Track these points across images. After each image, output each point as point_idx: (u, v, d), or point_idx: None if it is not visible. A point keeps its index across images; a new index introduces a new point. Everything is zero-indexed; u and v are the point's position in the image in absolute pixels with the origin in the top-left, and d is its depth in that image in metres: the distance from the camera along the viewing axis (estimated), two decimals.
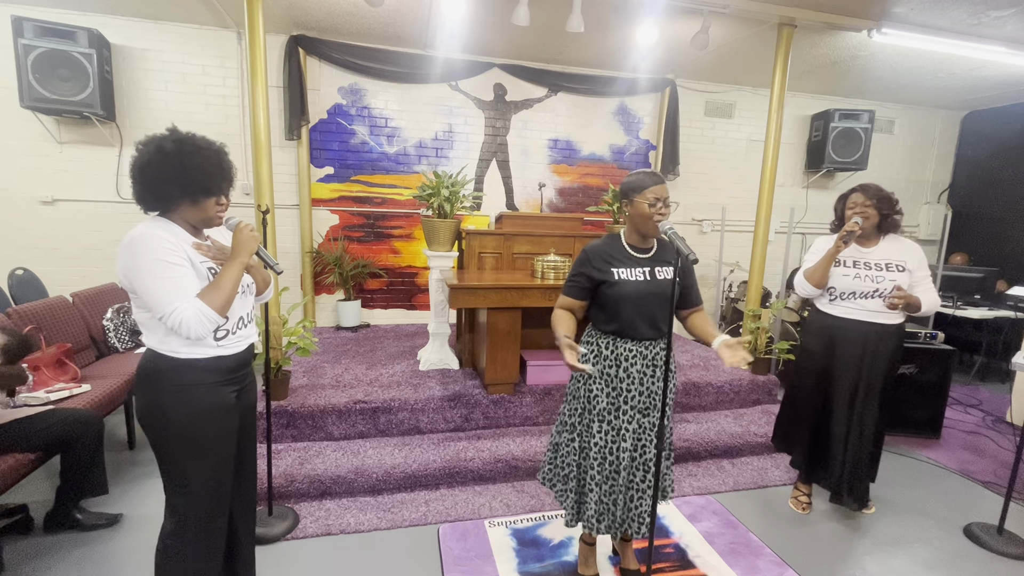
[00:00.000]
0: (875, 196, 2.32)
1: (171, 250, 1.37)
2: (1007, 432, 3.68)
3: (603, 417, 1.80)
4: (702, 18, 3.60)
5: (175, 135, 1.41)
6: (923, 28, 3.80)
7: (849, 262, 2.39)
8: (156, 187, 1.40)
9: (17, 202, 4.09)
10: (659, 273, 1.80)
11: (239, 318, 1.56)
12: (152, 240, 1.36)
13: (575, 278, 1.82)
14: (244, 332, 1.58)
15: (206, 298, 1.39)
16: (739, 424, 3.31)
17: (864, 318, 2.35)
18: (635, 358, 1.79)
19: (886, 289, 2.29)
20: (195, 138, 1.44)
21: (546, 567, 2.14)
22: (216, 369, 1.49)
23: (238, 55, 4.36)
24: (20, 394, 2.44)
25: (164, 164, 1.37)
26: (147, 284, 1.34)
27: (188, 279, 1.39)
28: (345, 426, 2.94)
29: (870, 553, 2.31)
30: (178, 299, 1.35)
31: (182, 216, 1.46)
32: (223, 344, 1.50)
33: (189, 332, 1.36)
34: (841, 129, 5.36)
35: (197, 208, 1.45)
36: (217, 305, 1.39)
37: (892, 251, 2.36)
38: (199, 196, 1.43)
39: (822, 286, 2.43)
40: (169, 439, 1.45)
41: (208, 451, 1.49)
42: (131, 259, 1.35)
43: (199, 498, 1.50)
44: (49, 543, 2.19)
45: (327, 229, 4.83)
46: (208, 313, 1.37)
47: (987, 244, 5.83)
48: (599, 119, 5.30)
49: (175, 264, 1.37)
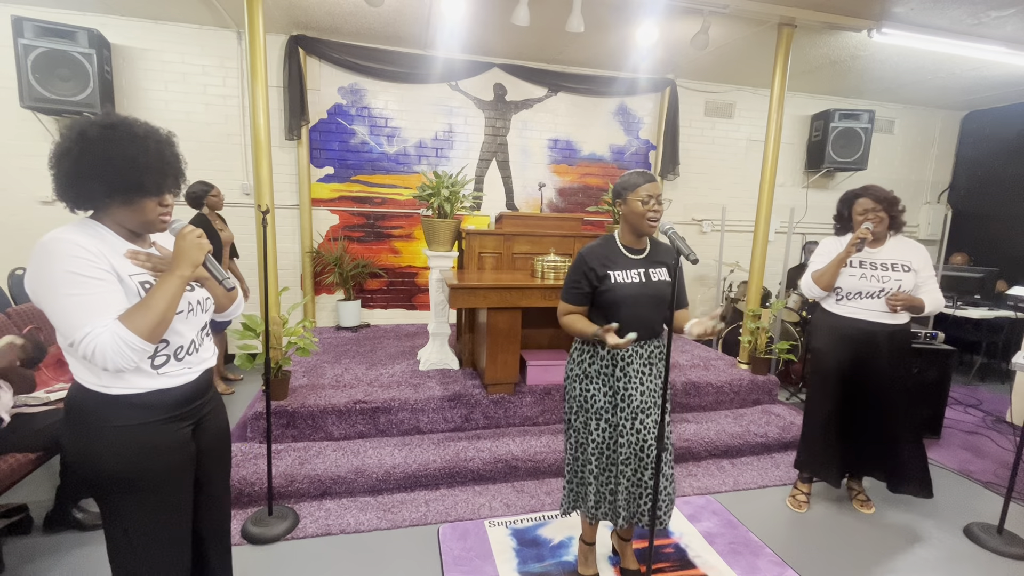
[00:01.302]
0: (884, 200, 2.33)
1: (87, 260, 1.11)
2: (1007, 432, 3.68)
3: (600, 415, 1.81)
4: (702, 18, 3.60)
5: (105, 119, 1.15)
6: (923, 28, 3.81)
7: (855, 262, 2.40)
8: (75, 182, 1.14)
9: (17, 202, 4.09)
10: (653, 274, 1.81)
11: (189, 342, 1.29)
12: (64, 247, 1.09)
13: (575, 285, 1.82)
14: (194, 359, 1.31)
15: (129, 321, 1.11)
16: (739, 424, 3.31)
17: (871, 318, 2.37)
18: (631, 357, 1.80)
19: (892, 289, 2.32)
20: (130, 123, 1.17)
21: (546, 567, 2.14)
22: (159, 405, 1.23)
23: (238, 55, 4.36)
24: (20, 394, 2.44)
25: (85, 154, 1.11)
26: (55, 302, 1.09)
27: (108, 296, 1.13)
28: (345, 426, 2.94)
29: (870, 553, 2.31)
30: (92, 321, 1.09)
31: (114, 219, 1.21)
32: (165, 372, 1.23)
33: (105, 363, 1.10)
34: (841, 129, 5.36)
35: (131, 209, 1.19)
36: (143, 329, 1.12)
37: (898, 251, 2.38)
38: (131, 195, 1.17)
39: (830, 288, 2.44)
40: (106, 489, 1.21)
41: (151, 497, 1.24)
42: (38, 270, 1.10)
43: (146, 554, 1.26)
44: (49, 543, 2.19)
45: (327, 229, 4.83)
46: (130, 339, 1.10)
47: (987, 244, 5.83)
48: (599, 119, 5.30)
49: (91, 278, 1.10)
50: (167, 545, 1.30)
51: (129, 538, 1.24)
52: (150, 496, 1.24)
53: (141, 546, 1.25)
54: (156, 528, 1.27)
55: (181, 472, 1.30)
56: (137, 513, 1.24)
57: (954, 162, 6.33)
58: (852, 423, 2.49)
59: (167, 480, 1.26)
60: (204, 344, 1.37)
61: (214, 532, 1.49)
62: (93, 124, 1.14)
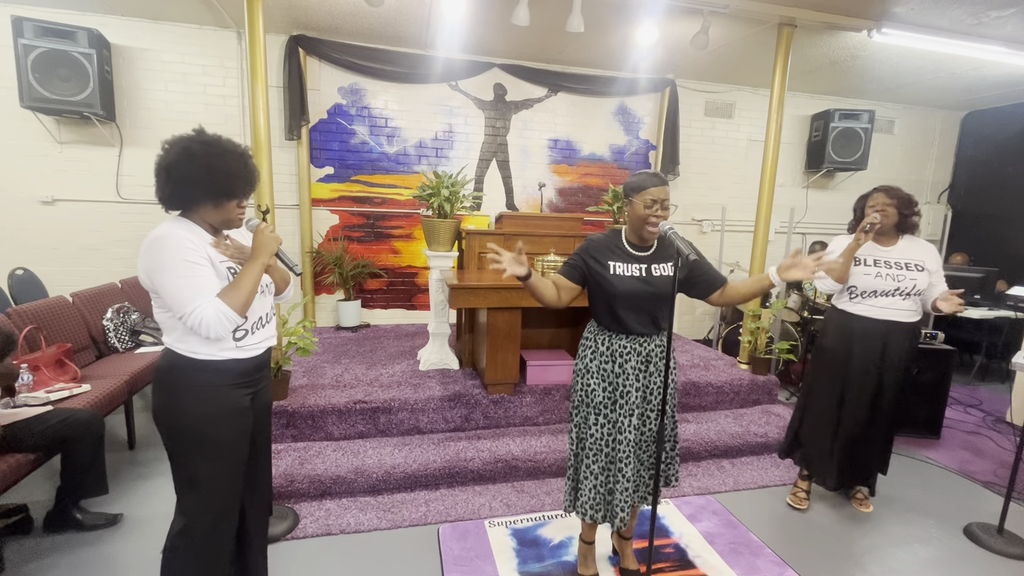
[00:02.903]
0: (896, 196, 2.36)
1: (193, 250, 1.38)
2: (1007, 432, 3.68)
3: (599, 411, 1.81)
4: (702, 18, 3.60)
5: (202, 136, 1.41)
6: (923, 28, 3.80)
7: (870, 261, 2.41)
8: (181, 188, 1.40)
9: (17, 202, 4.09)
10: (656, 270, 1.79)
11: (259, 318, 1.56)
12: (176, 240, 1.36)
13: (572, 260, 1.84)
14: (263, 333, 1.58)
15: (226, 298, 1.39)
16: (739, 424, 3.31)
17: (883, 316, 2.38)
18: (629, 354, 1.79)
19: (907, 288, 2.33)
20: (222, 140, 1.44)
21: (546, 567, 2.14)
22: (233, 371, 1.49)
23: (238, 55, 4.36)
24: (20, 394, 2.44)
25: (190, 165, 1.37)
26: (169, 284, 1.35)
27: (209, 279, 1.39)
28: (345, 426, 2.94)
29: (870, 553, 2.31)
30: (199, 298, 1.35)
31: (202, 217, 1.46)
32: (242, 345, 1.50)
33: (209, 332, 1.36)
34: (841, 129, 5.36)
35: (219, 210, 1.45)
36: (237, 305, 1.40)
37: (911, 251, 2.39)
38: (222, 198, 1.44)
39: (843, 281, 2.44)
40: (182, 439, 1.46)
41: (220, 453, 1.48)
42: (154, 258, 1.35)
43: (208, 500, 1.49)
44: (49, 543, 2.19)
45: (327, 229, 4.83)
46: (228, 313, 1.38)
47: (987, 244, 5.83)
48: (599, 119, 5.30)
49: (197, 264, 1.37)
50: (224, 494, 1.52)
51: (194, 484, 1.47)
52: (216, 449, 1.47)
53: (205, 492, 1.48)
54: (217, 477, 1.49)
55: (242, 433, 1.53)
56: (203, 463, 1.46)
57: (954, 162, 6.33)
58: (853, 424, 2.48)
59: (231, 437, 1.50)
60: (271, 322, 1.63)
61: (255, 500, 1.70)
62: (194, 140, 1.39)
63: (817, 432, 2.56)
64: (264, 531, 1.79)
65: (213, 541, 1.52)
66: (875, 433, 2.47)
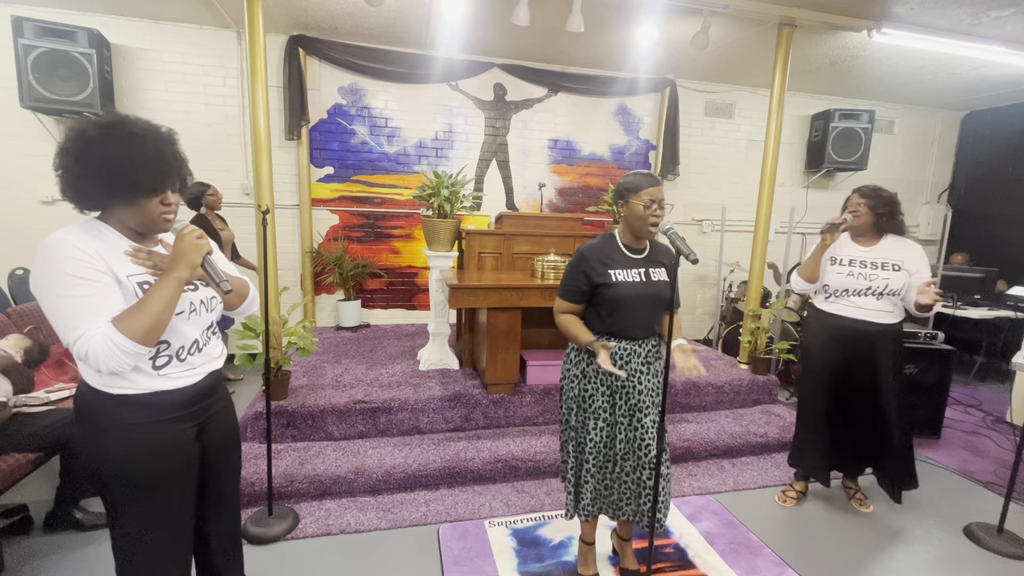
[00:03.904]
0: (870, 196, 2.33)
1: (84, 262, 1.10)
2: (1007, 432, 3.68)
3: (598, 415, 1.82)
4: (702, 18, 3.60)
5: (104, 118, 1.14)
6: (923, 28, 3.80)
7: (845, 260, 2.40)
8: (77, 183, 1.13)
9: (17, 202, 4.09)
10: (653, 274, 1.81)
11: (192, 341, 1.28)
12: (62, 249, 1.09)
13: (574, 282, 1.80)
14: (197, 359, 1.30)
15: (122, 324, 1.10)
16: (739, 424, 3.31)
17: (858, 315, 2.36)
18: (629, 356, 1.80)
19: (879, 287, 2.31)
20: (129, 122, 1.15)
21: (546, 567, 2.14)
22: (161, 406, 1.23)
23: (238, 55, 4.36)
24: (19, 393, 2.44)
25: (85, 154, 1.11)
26: (52, 303, 1.10)
27: (104, 299, 1.12)
28: (345, 426, 2.94)
29: (870, 553, 2.31)
30: (86, 323, 1.08)
31: (118, 219, 1.21)
32: (167, 374, 1.23)
33: (98, 365, 1.10)
34: (841, 129, 5.36)
35: (133, 209, 1.18)
36: (137, 332, 1.10)
37: (891, 251, 2.37)
38: (131, 194, 1.16)
39: (813, 280, 2.46)
40: (109, 483, 1.22)
41: (152, 495, 1.24)
42: (37, 270, 1.10)
43: (146, 550, 1.27)
44: (49, 543, 2.19)
45: (327, 229, 4.83)
46: (121, 343, 1.09)
47: (987, 244, 5.83)
48: (599, 119, 5.30)
49: (87, 280, 1.10)
50: (167, 544, 1.30)
51: (130, 537, 1.25)
52: (151, 495, 1.24)
53: (142, 545, 1.26)
54: (156, 527, 1.27)
55: (183, 473, 1.30)
56: (138, 512, 1.24)
57: (954, 162, 6.33)
58: (843, 421, 2.49)
59: (168, 480, 1.26)
60: (210, 344, 1.36)
61: (221, 533, 1.49)
62: (92, 124, 1.13)
63: (807, 429, 2.57)
64: (235, 563, 1.57)
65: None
66: (876, 431, 2.46)
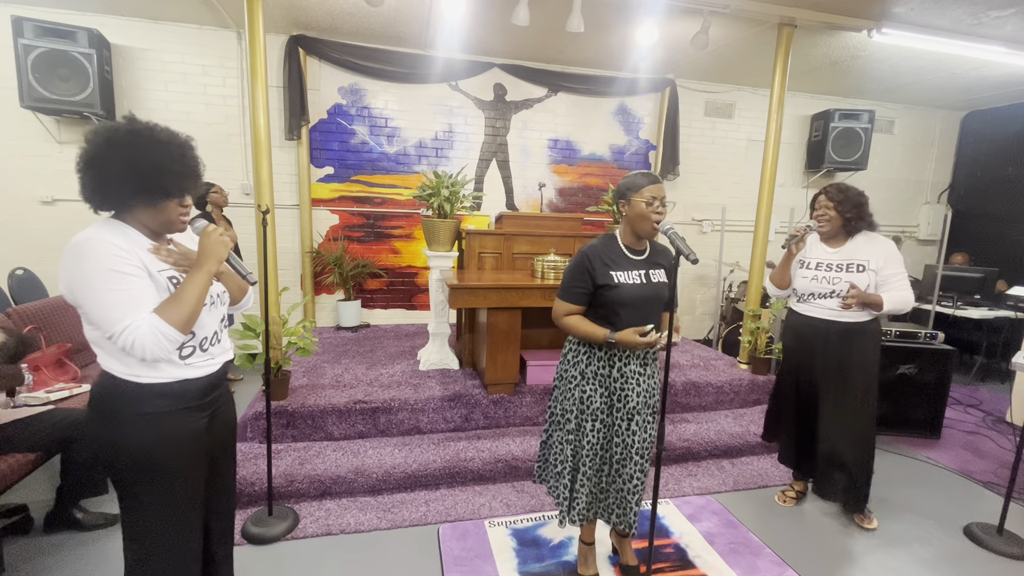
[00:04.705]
0: (836, 199, 2.28)
1: (123, 258, 1.18)
2: (1007, 432, 3.68)
3: (596, 416, 1.81)
4: (702, 18, 3.60)
5: (130, 124, 1.22)
6: (923, 28, 3.81)
7: (812, 263, 2.39)
8: (104, 185, 1.21)
9: (17, 202, 4.09)
10: (653, 276, 1.81)
11: (212, 332, 1.38)
12: (99, 246, 1.17)
13: (576, 284, 1.79)
14: (216, 349, 1.39)
15: (165, 313, 1.19)
16: (739, 424, 3.31)
17: (828, 316, 2.34)
18: (629, 357, 1.80)
19: (842, 290, 2.28)
20: (154, 129, 1.24)
21: (546, 567, 2.14)
22: (184, 394, 1.30)
23: (238, 55, 4.36)
24: (20, 394, 2.44)
25: (113, 158, 1.18)
26: (94, 298, 1.16)
27: (143, 291, 1.20)
28: (345, 426, 2.94)
29: (870, 553, 2.31)
30: (131, 315, 1.16)
31: (138, 219, 1.27)
32: (191, 363, 1.31)
33: (144, 353, 1.17)
34: (841, 129, 5.36)
35: (155, 210, 1.26)
36: (178, 321, 1.20)
37: (857, 251, 2.31)
38: (155, 197, 1.24)
39: (784, 286, 2.50)
40: (129, 474, 1.27)
41: (173, 486, 1.30)
42: (75, 268, 1.16)
43: (163, 534, 1.31)
44: (49, 543, 2.19)
45: (327, 229, 4.83)
46: (167, 331, 1.19)
47: (987, 244, 5.83)
48: (599, 119, 5.30)
49: (127, 274, 1.18)
50: (182, 531, 1.35)
51: (146, 523, 1.30)
52: (168, 483, 1.29)
53: (157, 531, 1.31)
54: (175, 515, 1.32)
55: (198, 461, 1.36)
56: (155, 499, 1.29)
57: (954, 162, 6.33)
58: (808, 425, 2.49)
59: (185, 468, 1.32)
60: (224, 336, 1.45)
61: (220, 527, 1.54)
62: (119, 130, 1.20)
63: (790, 430, 2.58)
64: (229, 557, 1.61)
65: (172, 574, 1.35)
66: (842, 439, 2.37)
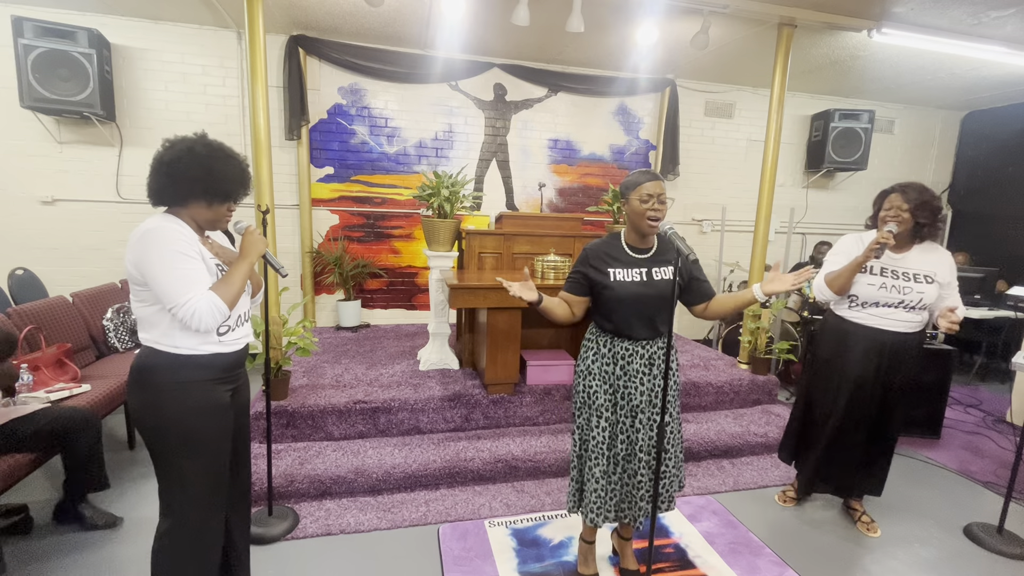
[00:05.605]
0: (914, 201, 2.11)
1: (187, 243, 1.42)
2: (1007, 432, 3.68)
3: (601, 413, 1.82)
4: (702, 18, 3.60)
5: (206, 140, 1.48)
6: (923, 28, 3.80)
7: (876, 269, 2.21)
8: (178, 184, 1.44)
9: (17, 202, 4.09)
10: (656, 274, 1.80)
11: (241, 314, 1.61)
12: (169, 232, 1.40)
13: (574, 275, 1.86)
14: (242, 331, 1.63)
15: (219, 291, 1.44)
16: (739, 424, 3.31)
17: (883, 326, 2.21)
18: (632, 356, 1.80)
19: (912, 301, 2.15)
20: (224, 146, 1.51)
21: (546, 567, 2.14)
22: (213, 366, 1.51)
23: (238, 55, 4.36)
24: (20, 394, 2.44)
25: (193, 164, 1.42)
26: (162, 275, 1.37)
27: (201, 272, 1.43)
28: (345, 426, 2.94)
29: (870, 553, 2.32)
30: (192, 290, 1.38)
31: (191, 215, 1.50)
32: (224, 340, 1.53)
33: (200, 324, 1.39)
34: (841, 129, 5.36)
35: (210, 210, 1.50)
36: (228, 298, 1.45)
37: (924, 261, 2.19)
38: (216, 200, 1.49)
39: (844, 293, 2.26)
40: (166, 437, 1.46)
41: (205, 449, 1.50)
42: (145, 250, 1.37)
43: (196, 497, 1.50)
44: (50, 544, 2.19)
45: (327, 229, 4.83)
46: (220, 306, 1.43)
47: (987, 244, 5.83)
48: (599, 119, 5.30)
49: (190, 256, 1.41)
50: (211, 491, 1.53)
51: (180, 483, 1.48)
52: (200, 445, 1.48)
53: (191, 490, 1.49)
54: (209, 479, 1.51)
55: (229, 430, 1.57)
56: (188, 460, 1.47)
57: (954, 162, 6.33)
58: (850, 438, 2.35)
59: (218, 435, 1.53)
60: (247, 321, 1.68)
61: (238, 492, 1.71)
62: (198, 142, 1.45)
63: (814, 442, 2.46)
64: (246, 530, 1.80)
65: (202, 539, 1.54)
66: (874, 448, 2.37)
